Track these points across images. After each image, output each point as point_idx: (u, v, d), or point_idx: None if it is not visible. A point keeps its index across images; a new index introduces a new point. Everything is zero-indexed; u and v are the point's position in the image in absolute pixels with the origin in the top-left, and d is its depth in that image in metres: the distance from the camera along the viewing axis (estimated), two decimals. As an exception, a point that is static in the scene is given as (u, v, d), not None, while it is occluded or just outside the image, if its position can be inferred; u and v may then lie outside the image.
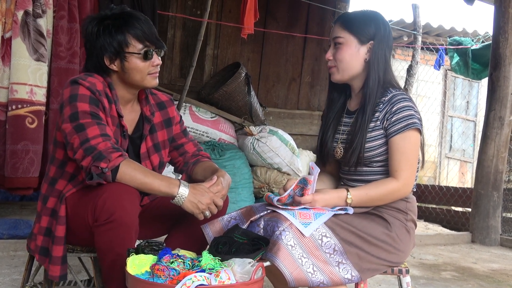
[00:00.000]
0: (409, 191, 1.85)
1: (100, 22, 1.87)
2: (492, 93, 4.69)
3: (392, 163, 1.82)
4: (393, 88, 1.88)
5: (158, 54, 1.92)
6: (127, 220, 1.70)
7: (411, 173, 1.82)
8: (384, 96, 1.86)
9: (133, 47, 1.86)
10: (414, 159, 1.83)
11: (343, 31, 1.88)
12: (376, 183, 1.83)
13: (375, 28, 1.87)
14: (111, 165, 1.71)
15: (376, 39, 1.86)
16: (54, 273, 1.81)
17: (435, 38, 8.26)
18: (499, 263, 3.91)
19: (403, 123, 1.80)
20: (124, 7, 1.93)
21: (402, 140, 1.80)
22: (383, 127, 1.84)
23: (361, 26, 1.87)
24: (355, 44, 1.87)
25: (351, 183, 1.94)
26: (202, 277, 1.39)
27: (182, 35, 5.34)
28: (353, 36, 1.87)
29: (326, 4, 5.54)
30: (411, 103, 1.84)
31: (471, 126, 9.82)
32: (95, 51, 1.88)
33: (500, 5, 4.69)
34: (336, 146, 1.96)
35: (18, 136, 3.18)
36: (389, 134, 1.82)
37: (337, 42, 1.89)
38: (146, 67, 1.89)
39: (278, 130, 4.87)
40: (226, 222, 1.84)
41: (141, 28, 1.86)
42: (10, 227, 3.33)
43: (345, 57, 1.87)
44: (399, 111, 1.81)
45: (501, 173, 4.69)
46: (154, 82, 1.94)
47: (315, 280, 1.62)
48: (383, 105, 1.84)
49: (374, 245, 1.76)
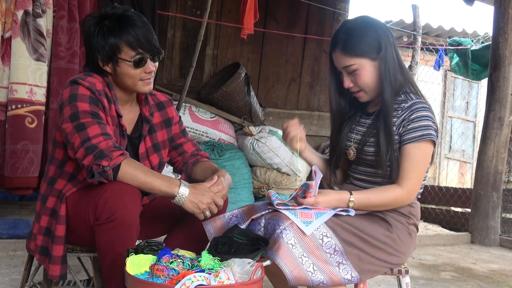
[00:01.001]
0: (411, 200, 1.84)
1: (98, 22, 1.86)
2: (492, 94, 4.69)
3: (400, 170, 1.80)
4: (414, 94, 1.85)
5: (154, 61, 1.90)
6: (128, 220, 1.70)
7: (417, 183, 1.81)
8: (404, 102, 1.84)
9: (125, 54, 1.84)
10: (422, 169, 1.81)
11: (352, 58, 1.80)
12: (380, 189, 1.82)
13: (378, 37, 1.81)
14: (113, 163, 1.71)
15: (383, 48, 1.81)
16: (53, 272, 1.81)
17: (434, 38, 8.27)
18: (499, 264, 3.91)
19: (419, 132, 1.78)
20: (127, 8, 1.91)
21: (414, 149, 1.78)
22: (398, 133, 1.82)
23: (366, 45, 1.80)
24: (369, 64, 1.81)
25: (357, 182, 1.94)
26: (201, 277, 1.39)
27: (182, 35, 5.34)
28: (364, 58, 1.80)
29: (326, 4, 5.55)
30: (430, 113, 1.81)
31: (471, 126, 9.83)
32: (91, 51, 1.88)
33: (500, 5, 4.69)
34: (350, 146, 1.94)
35: (17, 136, 3.18)
36: (403, 141, 1.80)
37: (350, 70, 1.82)
38: (138, 74, 1.87)
39: (278, 131, 4.87)
40: (227, 219, 1.84)
41: (135, 35, 1.82)
42: (9, 227, 3.33)
43: (367, 80, 1.83)
44: (417, 119, 1.79)
45: (500, 174, 4.69)
46: (146, 88, 1.92)
47: (315, 280, 1.62)
48: (402, 111, 1.82)
49: (374, 246, 1.76)
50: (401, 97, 1.86)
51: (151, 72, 1.89)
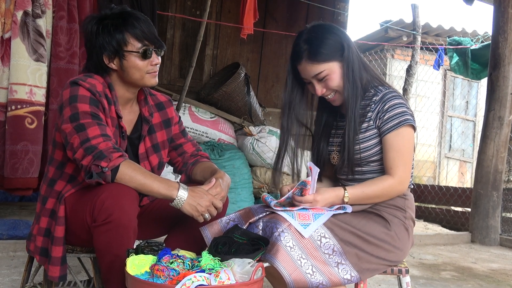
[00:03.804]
0: (405, 188, 1.86)
1: (100, 21, 1.88)
2: (492, 93, 4.70)
3: (387, 161, 1.83)
4: (382, 86, 1.88)
5: (157, 54, 1.92)
6: (125, 221, 1.70)
7: (406, 169, 1.82)
8: (374, 95, 1.86)
9: (131, 46, 1.86)
10: (408, 155, 1.83)
11: (320, 64, 1.81)
12: (372, 181, 1.84)
13: (338, 39, 1.83)
14: (111, 164, 1.71)
15: (345, 48, 1.84)
16: (53, 273, 1.81)
17: (434, 38, 8.27)
18: (499, 263, 3.91)
19: (396, 120, 1.81)
20: (125, 7, 1.93)
21: (395, 137, 1.81)
22: (376, 126, 1.84)
23: (330, 48, 1.82)
24: (337, 66, 1.84)
25: (350, 183, 1.93)
26: (201, 277, 1.39)
27: (182, 35, 5.34)
28: (331, 62, 1.82)
29: (325, 4, 5.55)
30: (403, 100, 1.84)
31: (471, 126, 9.83)
32: (95, 50, 1.88)
33: (500, 5, 4.69)
34: (332, 150, 1.96)
35: (17, 137, 3.18)
36: (383, 132, 1.83)
37: (320, 77, 1.84)
38: (145, 66, 1.89)
39: (278, 130, 4.87)
40: (224, 224, 1.83)
41: (140, 27, 1.86)
42: (9, 228, 3.33)
43: (337, 82, 1.85)
44: (391, 109, 1.82)
45: (500, 173, 4.69)
46: (153, 81, 1.94)
47: (315, 281, 1.62)
48: (375, 105, 1.85)
49: (373, 244, 1.76)
50: (370, 92, 1.89)
51: (156, 64, 1.92)
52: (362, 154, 1.85)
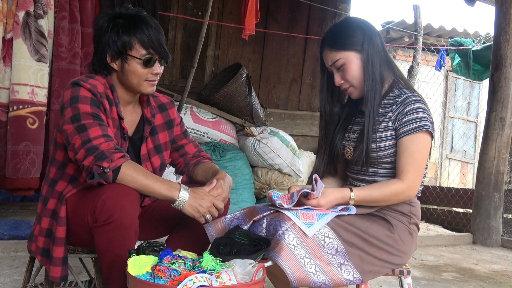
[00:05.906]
0: (413, 194, 1.84)
1: (112, 19, 1.87)
2: (493, 94, 4.69)
3: (399, 164, 1.81)
4: (407, 89, 1.87)
5: (161, 64, 1.92)
6: (126, 221, 1.70)
7: (417, 175, 1.81)
8: (398, 97, 1.85)
9: (136, 52, 1.85)
10: (421, 161, 1.81)
11: (337, 52, 1.85)
12: (381, 184, 1.82)
13: (361, 31, 1.86)
14: (113, 165, 1.71)
15: (366, 41, 1.85)
16: (54, 274, 1.81)
17: (436, 39, 8.26)
18: (500, 264, 3.90)
19: (414, 124, 1.79)
20: (141, 10, 1.92)
21: (411, 141, 1.79)
22: (394, 127, 1.83)
23: (350, 39, 1.85)
24: (355, 57, 1.85)
25: (357, 183, 1.93)
26: (203, 278, 1.39)
27: (183, 36, 5.35)
28: (349, 51, 1.85)
29: (327, 5, 5.54)
30: (424, 106, 1.83)
31: (472, 127, 9.82)
32: (101, 45, 1.88)
33: (501, 6, 4.68)
34: (346, 145, 1.95)
35: (19, 137, 3.18)
36: (399, 135, 1.81)
37: (338, 65, 1.87)
38: (145, 74, 1.88)
39: (279, 131, 4.87)
40: (228, 222, 1.84)
41: (148, 34, 1.85)
42: (11, 228, 3.33)
43: (355, 73, 1.86)
44: (411, 112, 1.80)
45: (502, 174, 4.68)
46: (150, 89, 1.93)
47: (317, 281, 1.62)
48: (397, 106, 1.83)
49: (376, 246, 1.75)
50: (394, 92, 1.88)
51: (157, 74, 1.91)
52: (377, 153, 1.84)
